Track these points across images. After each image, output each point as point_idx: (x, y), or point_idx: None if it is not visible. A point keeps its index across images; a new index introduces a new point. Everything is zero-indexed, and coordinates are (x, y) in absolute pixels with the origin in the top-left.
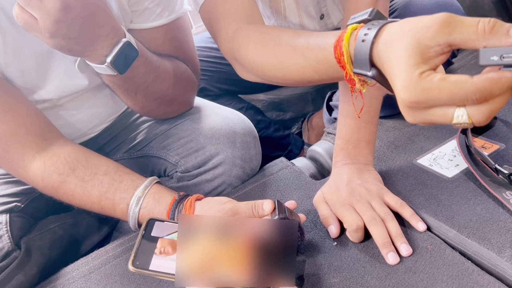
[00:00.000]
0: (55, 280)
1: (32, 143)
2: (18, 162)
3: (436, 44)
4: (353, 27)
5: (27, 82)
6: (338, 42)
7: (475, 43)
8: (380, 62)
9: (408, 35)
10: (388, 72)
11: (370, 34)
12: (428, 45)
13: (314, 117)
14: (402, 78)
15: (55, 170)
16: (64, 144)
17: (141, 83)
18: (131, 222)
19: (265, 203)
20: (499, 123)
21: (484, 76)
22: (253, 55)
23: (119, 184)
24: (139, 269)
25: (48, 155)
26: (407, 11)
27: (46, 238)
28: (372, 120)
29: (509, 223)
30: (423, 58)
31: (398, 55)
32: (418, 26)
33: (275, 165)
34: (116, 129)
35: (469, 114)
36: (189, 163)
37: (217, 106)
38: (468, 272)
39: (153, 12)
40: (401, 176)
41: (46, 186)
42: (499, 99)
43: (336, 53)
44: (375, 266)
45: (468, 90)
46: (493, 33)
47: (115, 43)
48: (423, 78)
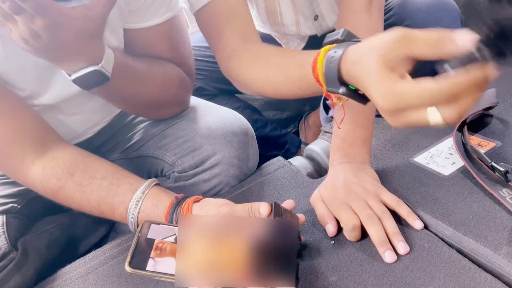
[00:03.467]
0: (52, 281)
1: (31, 148)
2: (18, 167)
3: (398, 57)
4: (326, 49)
5: (27, 89)
6: (314, 64)
7: (431, 56)
8: (351, 79)
9: (373, 53)
10: (362, 87)
11: (336, 56)
12: (392, 59)
13: (311, 116)
14: (377, 90)
15: (54, 175)
16: (63, 148)
17: (126, 92)
18: (130, 225)
19: (261, 206)
20: (495, 121)
21: (445, 79)
22: (246, 74)
23: (117, 188)
24: (136, 270)
25: (47, 160)
26: (402, 10)
27: (43, 239)
28: (368, 119)
29: (505, 220)
30: (390, 70)
31: (368, 71)
32: (380, 44)
33: (272, 165)
34: (112, 130)
35: (441, 114)
36: (186, 163)
37: (213, 106)
38: (465, 269)
39: (148, 10)
40: (397, 175)
41: (46, 191)
42: (466, 98)
43: (314, 73)
44: (372, 264)
45: (433, 93)
46: (444, 47)
47: (84, 66)
48: (394, 87)
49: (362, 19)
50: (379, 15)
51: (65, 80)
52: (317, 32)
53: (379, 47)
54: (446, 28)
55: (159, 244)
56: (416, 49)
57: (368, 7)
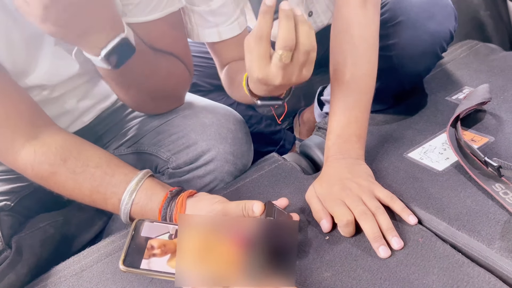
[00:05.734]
0: (46, 278)
1: (22, 130)
2: (8, 149)
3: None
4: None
5: (16, 66)
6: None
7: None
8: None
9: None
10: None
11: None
12: None
13: (305, 112)
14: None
15: (46, 160)
16: (55, 133)
17: (135, 77)
18: (122, 217)
19: (255, 206)
20: (488, 116)
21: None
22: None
23: (111, 178)
24: (130, 268)
25: (39, 144)
26: (397, 6)
27: (37, 236)
28: (363, 115)
29: (498, 215)
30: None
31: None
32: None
33: (267, 161)
34: (106, 125)
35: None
36: (181, 160)
37: (208, 102)
38: (459, 264)
39: (148, 5)
40: (391, 170)
41: (36, 175)
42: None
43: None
44: (367, 259)
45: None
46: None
47: (112, 37)
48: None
49: (357, 14)
50: (375, 11)
51: (53, 56)
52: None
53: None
54: (440, 24)
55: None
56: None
57: (363, 2)
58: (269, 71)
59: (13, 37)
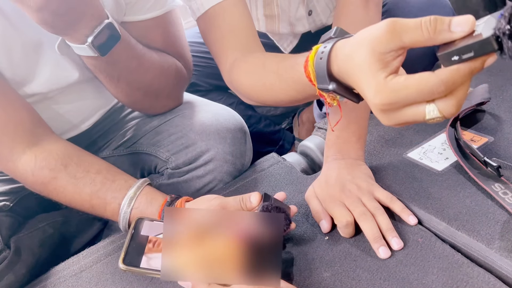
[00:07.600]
0: (45, 279)
1: (22, 137)
2: (7, 156)
3: (390, 50)
4: (317, 46)
5: (16, 74)
6: (306, 63)
7: (424, 43)
8: (342, 75)
9: (363, 47)
10: (354, 83)
11: (326, 51)
12: (383, 52)
13: (304, 112)
14: (370, 85)
15: (47, 165)
16: (55, 141)
17: (123, 68)
18: (121, 222)
19: (252, 196)
20: (487, 116)
21: (444, 69)
22: (246, 85)
23: (111, 184)
24: (130, 267)
25: (40, 150)
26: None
27: (35, 237)
28: (363, 115)
29: (497, 215)
30: (382, 64)
31: (359, 66)
32: (370, 37)
33: (266, 161)
34: (105, 126)
35: (439, 108)
36: (180, 160)
37: (207, 102)
38: (458, 264)
39: (146, 3)
40: (391, 170)
41: (36, 182)
42: (462, 88)
43: (306, 72)
44: (366, 259)
45: (433, 84)
46: (438, 32)
47: (97, 24)
48: (389, 81)
49: (358, 14)
50: (377, 10)
51: (53, 63)
52: (310, 28)
53: (369, 40)
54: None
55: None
56: (408, 38)
57: (365, 2)
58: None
59: (13, 46)
